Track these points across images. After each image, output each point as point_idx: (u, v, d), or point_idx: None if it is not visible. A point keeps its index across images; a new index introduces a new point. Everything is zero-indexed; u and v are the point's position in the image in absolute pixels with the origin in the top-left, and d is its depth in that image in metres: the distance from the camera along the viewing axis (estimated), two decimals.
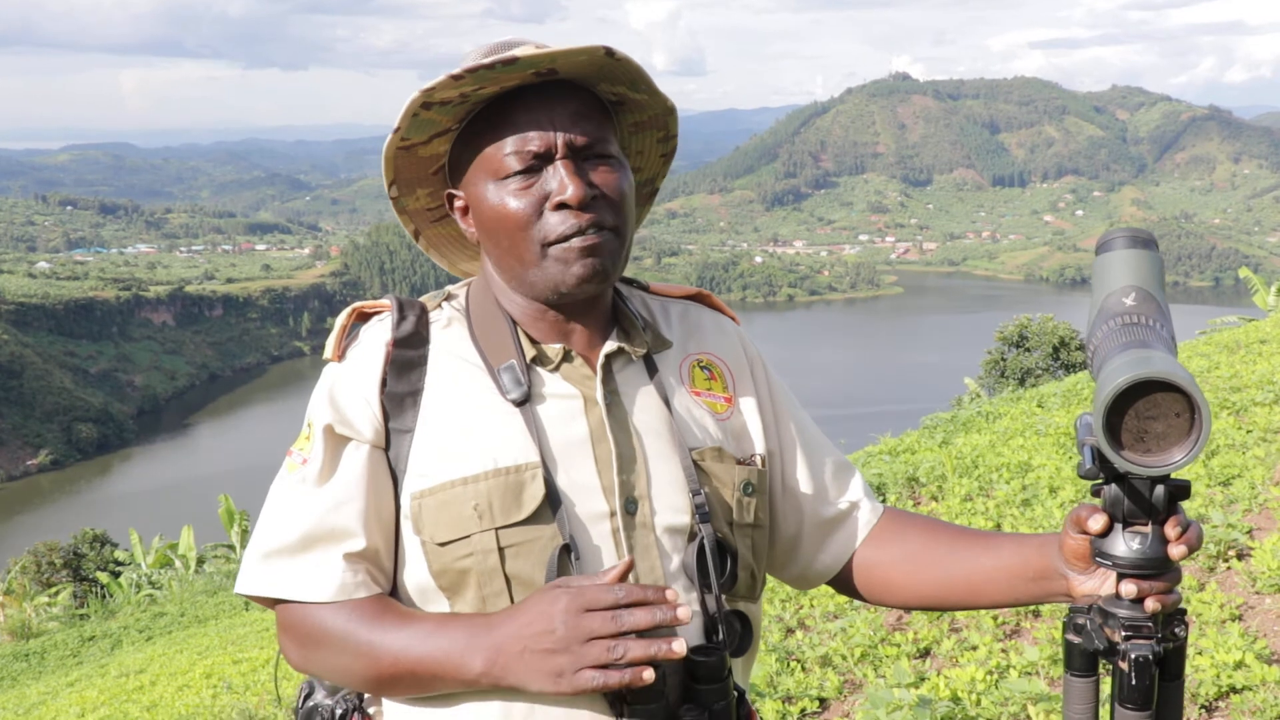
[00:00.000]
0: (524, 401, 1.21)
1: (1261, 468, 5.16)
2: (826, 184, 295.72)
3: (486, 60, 1.14)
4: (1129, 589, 1.05)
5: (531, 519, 1.17)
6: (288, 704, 6.28)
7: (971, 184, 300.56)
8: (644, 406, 1.27)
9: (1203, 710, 3.03)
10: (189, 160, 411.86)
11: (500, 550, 1.17)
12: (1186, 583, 3.87)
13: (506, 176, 1.20)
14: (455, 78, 1.15)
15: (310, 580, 1.19)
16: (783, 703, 3.47)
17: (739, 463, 1.29)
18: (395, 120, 1.20)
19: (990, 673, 3.35)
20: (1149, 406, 0.93)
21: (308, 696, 1.32)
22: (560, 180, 1.18)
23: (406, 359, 1.24)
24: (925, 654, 3.81)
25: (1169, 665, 1.06)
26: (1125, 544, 1.05)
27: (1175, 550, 1.04)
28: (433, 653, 1.13)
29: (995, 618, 3.89)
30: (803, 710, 3.43)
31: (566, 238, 1.19)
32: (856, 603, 4.36)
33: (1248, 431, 6.02)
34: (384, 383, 1.23)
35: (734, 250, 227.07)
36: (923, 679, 3.44)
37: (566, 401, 1.24)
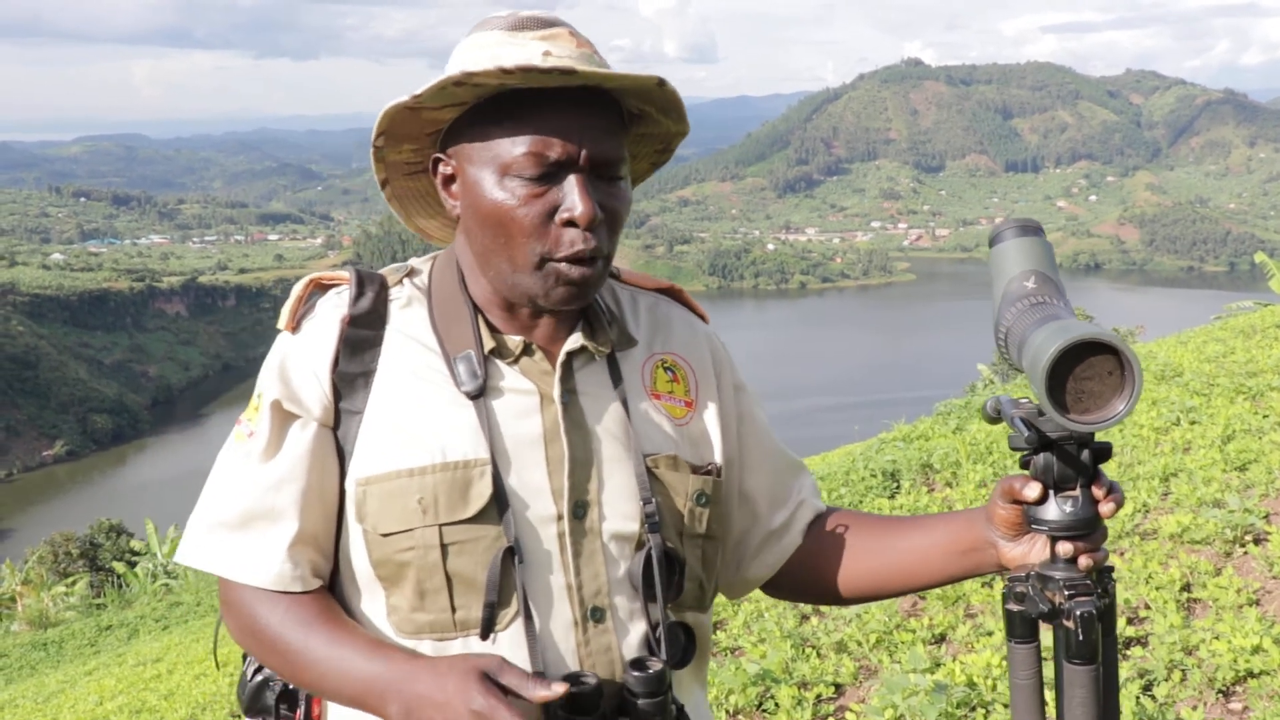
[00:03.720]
0: (478, 395, 1.17)
1: (1278, 452, 5.13)
2: (839, 171, 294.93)
3: (544, 65, 1.08)
4: (1066, 548, 1.11)
5: (477, 518, 1.14)
6: (226, 668, 6.21)
7: (984, 170, 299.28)
8: (602, 408, 1.23)
9: (1220, 695, 3.02)
10: (201, 151, 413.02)
11: (443, 547, 1.14)
12: (1204, 568, 3.86)
13: (517, 176, 1.13)
14: (505, 71, 1.08)
15: (249, 562, 1.17)
16: (798, 689, 3.47)
17: (694, 471, 1.25)
18: (419, 88, 1.13)
19: (1005, 658, 3.34)
20: (1084, 369, 0.98)
21: (258, 669, 1.30)
22: (574, 197, 1.13)
23: (361, 338, 1.20)
24: (941, 639, 3.81)
25: (1103, 620, 1.11)
26: (1058, 508, 1.11)
27: (1105, 508, 1.10)
28: (356, 684, 1.11)
29: None
30: (819, 696, 3.43)
31: (568, 258, 1.15)
32: None
33: (1264, 416, 5.99)
34: (336, 361, 1.19)
35: (746, 238, 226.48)
36: (938, 664, 3.44)
37: (522, 397, 1.19)
